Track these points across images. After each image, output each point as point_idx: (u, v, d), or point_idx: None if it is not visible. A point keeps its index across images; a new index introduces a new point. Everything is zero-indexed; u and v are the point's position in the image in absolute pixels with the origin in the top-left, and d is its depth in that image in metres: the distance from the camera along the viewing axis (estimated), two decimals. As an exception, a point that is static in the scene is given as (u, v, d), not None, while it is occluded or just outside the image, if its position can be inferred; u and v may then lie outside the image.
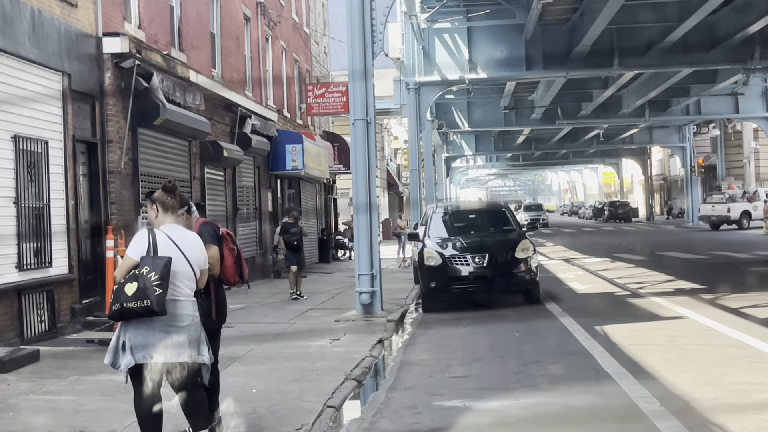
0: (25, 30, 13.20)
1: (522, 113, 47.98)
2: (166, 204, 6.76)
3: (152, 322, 6.47)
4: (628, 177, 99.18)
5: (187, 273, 6.62)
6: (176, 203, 6.81)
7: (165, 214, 6.75)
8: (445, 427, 7.94)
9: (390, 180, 63.56)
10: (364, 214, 16.36)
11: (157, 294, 6.31)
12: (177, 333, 6.53)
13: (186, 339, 6.56)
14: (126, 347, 6.54)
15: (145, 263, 6.41)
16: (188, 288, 6.65)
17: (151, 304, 6.31)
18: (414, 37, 30.23)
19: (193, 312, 6.66)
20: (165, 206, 6.75)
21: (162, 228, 6.68)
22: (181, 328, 6.55)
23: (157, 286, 6.31)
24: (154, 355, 6.50)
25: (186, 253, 6.61)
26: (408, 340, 13.90)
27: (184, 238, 6.68)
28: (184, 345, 6.55)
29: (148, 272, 6.35)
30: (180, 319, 6.56)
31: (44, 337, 13.29)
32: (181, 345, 6.54)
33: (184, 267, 6.59)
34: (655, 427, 7.47)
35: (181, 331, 6.54)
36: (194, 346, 6.62)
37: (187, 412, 6.86)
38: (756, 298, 16.62)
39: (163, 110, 17.25)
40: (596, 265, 27.01)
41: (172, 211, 6.77)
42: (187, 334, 6.57)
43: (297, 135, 28.83)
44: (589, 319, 14.51)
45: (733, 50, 29.09)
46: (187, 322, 6.59)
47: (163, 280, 6.35)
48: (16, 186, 12.89)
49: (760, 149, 59.43)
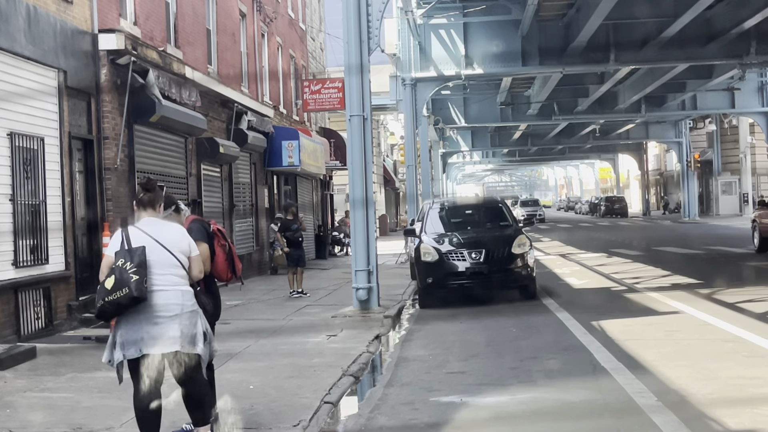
0: (21, 27, 13.18)
1: (518, 109, 47.98)
2: (142, 201, 6.80)
3: (138, 315, 6.47)
4: (625, 172, 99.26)
5: (168, 260, 6.59)
6: (154, 198, 6.82)
7: (143, 210, 6.79)
8: (442, 422, 7.95)
9: (386, 176, 63.56)
10: (360, 209, 16.35)
11: (134, 280, 6.34)
12: (166, 323, 6.50)
13: (177, 328, 6.52)
14: (117, 344, 6.56)
15: (120, 256, 6.45)
16: (174, 276, 6.61)
17: (130, 291, 6.33)
18: (410, 33, 30.20)
19: (183, 301, 6.60)
20: (140, 203, 6.81)
21: (137, 224, 6.73)
22: (170, 318, 6.52)
23: (133, 273, 6.36)
24: (143, 348, 6.50)
25: (161, 241, 6.60)
26: (405, 335, 13.91)
27: (158, 228, 6.68)
28: (176, 335, 6.52)
29: (123, 263, 6.39)
30: (166, 308, 6.53)
31: (41, 334, 13.28)
32: (171, 335, 6.51)
33: (162, 255, 6.57)
34: (652, 422, 7.48)
35: (170, 321, 6.52)
36: (187, 337, 6.56)
37: (187, 406, 6.87)
38: (752, 292, 16.64)
39: (159, 107, 17.23)
40: (592, 260, 27.03)
41: (150, 206, 6.79)
42: (178, 323, 6.53)
43: (293, 131, 28.82)
44: (586, 314, 14.53)
45: (729, 45, 29.09)
46: (176, 312, 6.55)
47: (139, 267, 6.38)
48: (12, 183, 12.87)
49: (756, 144, 59.48)
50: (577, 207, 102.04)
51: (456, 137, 62.23)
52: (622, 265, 24.81)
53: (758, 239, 26.43)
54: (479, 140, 63.76)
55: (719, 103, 49.25)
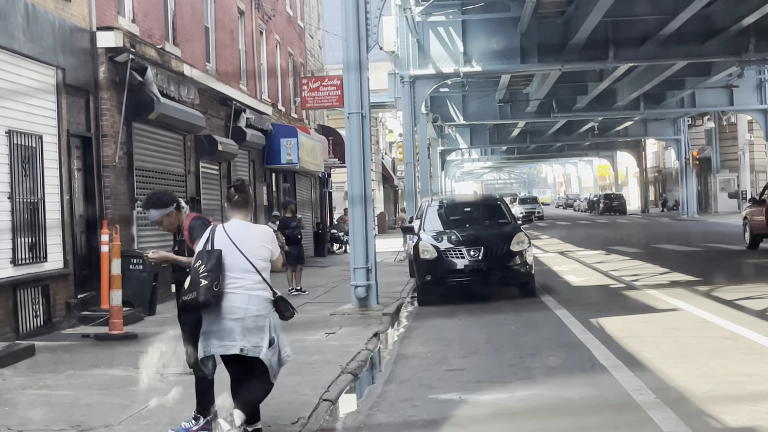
0: (19, 24, 13.17)
1: (517, 106, 47.95)
2: (237, 203, 7.00)
3: (209, 316, 6.78)
4: (623, 169, 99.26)
5: (243, 265, 6.77)
6: (247, 200, 7.06)
7: (237, 212, 7.01)
8: (441, 420, 7.95)
9: (385, 173, 63.56)
10: (359, 207, 16.34)
11: (202, 285, 6.60)
12: (230, 326, 6.76)
13: (240, 331, 6.74)
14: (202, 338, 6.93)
15: (200, 257, 6.73)
16: (246, 280, 6.78)
17: (197, 296, 6.61)
18: (408, 30, 30.17)
19: (248, 305, 6.75)
20: (235, 205, 7.01)
21: (226, 223, 6.99)
22: (233, 321, 6.74)
23: (203, 277, 6.61)
24: (211, 348, 6.83)
25: (240, 246, 6.79)
26: (404, 333, 13.92)
27: (242, 232, 6.88)
28: (237, 338, 6.74)
29: (200, 265, 6.67)
30: (231, 311, 6.75)
31: (40, 331, 13.27)
32: (234, 337, 6.74)
33: (238, 259, 6.76)
34: (651, 419, 7.49)
35: (234, 324, 6.75)
36: (250, 340, 6.74)
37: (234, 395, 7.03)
38: (751, 289, 16.65)
39: (158, 104, 17.22)
40: (591, 257, 27.04)
41: (243, 208, 7.02)
42: (241, 326, 6.74)
43: (292, 129, 28.81)
44: (585, 311, 14.53)
45: (728, 42, 29.07)
46: (239, 315, 6.74)
47: (210, 271, 6.61)
48: (10, 181, 12.86)
49: (754, 141, 59.47)
50: (575, 204, 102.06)
51: (455, 135, 62.20)
52: (620, 262, 24.82)
53: (749, 236, 26.72)
54: (478, 138, 63.73)
55: (718, 101, 49.25)
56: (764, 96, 47.94)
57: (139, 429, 7.78)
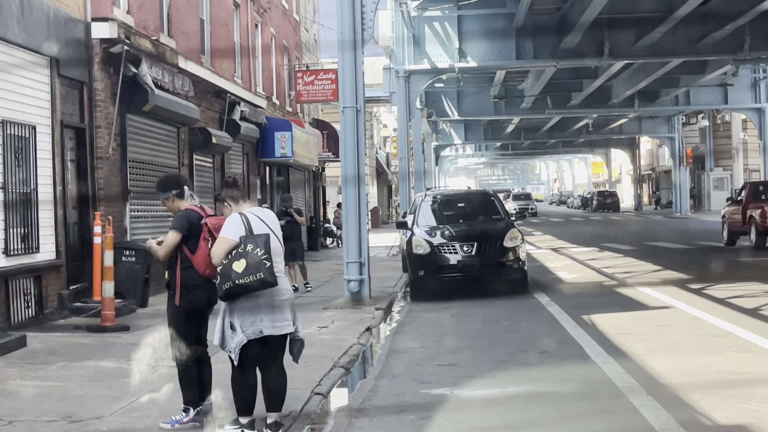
0: (14, 14, 13.11)
1: (512, 102, 47.93)
2: (236, 197, 7.25)
3: (257, 299, 6.92)
4: (617, 167, 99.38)
5: (278, 249, 7.12)
6: (243, 192, 7.39)
7: (243, 204, 7.23)
8: (432, 414, 7.95)
9: (379, 168, 63.53)
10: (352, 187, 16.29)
11: (268, 266, 6.82)
12: (281, 307, 7.03)
13: (290, 311, 7.11)
14: (236, 327, 6.96)
15: (248, 242, 6.86)
16: (280, 264, 7.15)
17: (264, 276, 6.79)
18: (404, 25, 30.14)
19: (288, 287, 7.20)
20: (234, 199, 7.25)
21: (249, 210, 7.16)
22: (284, 301, 7.06)
23: (265, 259, 6.81)
24: (264, 329, 6.97)
25: (275, 231, 7.13)
26: (396, 328, 13.92)
27: (270, 218, 7.22)
28: (289, 318, 7.10)
29: (253, 249, 6.83)
30: (281, 293, 7.04)
31: (31, 323, 13.24)
32: (287, 317, 7.08)
33: (276, 244, 7.08)
34: (642, 416, 7.51)
35: (284, 305, 7.06)
36: (294, 320, 7.18)
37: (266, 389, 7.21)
38: (743, 288, 16.70)
39: (152, 96, 17.18)
40: (584, 254, 27.08)
41: (244, 198, 7.31)
42: (289, 307, 7.12)
43: (286, 122, 28.76)
44: (577, 308, 14.56)
45: (723, 41, 29.09)
46: (287, 296, 7.12)
47: (268, 254, 6.85)
48: (3, 171, 12.80)
49: (748, 140, 59.53)
50: (569, 201, 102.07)
51: (449, 130, 62.20)
52: (613, 259, 24.85)
53: (727, 233, 28.07)
54: (472, 133, 63.70)
55: (712, 99, 49.28)
56: (759, 95, 47.98)
57: (130, 421, 7.78)
